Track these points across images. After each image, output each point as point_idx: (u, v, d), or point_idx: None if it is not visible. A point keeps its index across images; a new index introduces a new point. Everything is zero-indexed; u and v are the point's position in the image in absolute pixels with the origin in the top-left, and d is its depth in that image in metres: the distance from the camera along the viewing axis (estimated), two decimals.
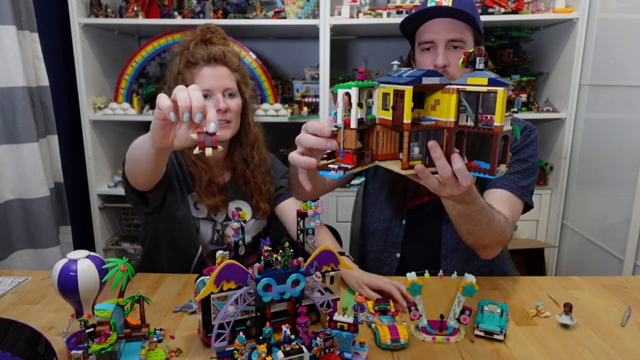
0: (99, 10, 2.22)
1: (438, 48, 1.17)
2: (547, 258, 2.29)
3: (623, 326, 0.99)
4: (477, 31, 1.20)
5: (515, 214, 1.21)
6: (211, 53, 1.27)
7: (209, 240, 1.36)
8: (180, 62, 1.29)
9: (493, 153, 0.74)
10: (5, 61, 1.81)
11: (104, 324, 0.78)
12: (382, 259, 1.37)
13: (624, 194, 1.89)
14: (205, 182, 1.32)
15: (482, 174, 0.76)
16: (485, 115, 0.73)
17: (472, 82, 0.73)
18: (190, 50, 1.28)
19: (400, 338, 0.88)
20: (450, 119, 0.76)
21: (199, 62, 1.27)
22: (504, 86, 0.70)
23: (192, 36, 1.31)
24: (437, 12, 1.15)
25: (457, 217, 1.02)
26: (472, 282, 0.90)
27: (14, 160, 1.88)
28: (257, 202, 1.39)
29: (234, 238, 0.92)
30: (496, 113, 0.71)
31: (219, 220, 1.37)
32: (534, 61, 2.48)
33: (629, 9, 1.94)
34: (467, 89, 0.74)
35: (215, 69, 1.27)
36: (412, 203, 1.32)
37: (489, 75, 0.72)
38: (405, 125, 0.75)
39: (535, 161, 1.26)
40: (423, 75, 0.75)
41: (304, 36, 2.63)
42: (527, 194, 1.23)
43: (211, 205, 1.33)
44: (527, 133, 1.27)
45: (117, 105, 2.30)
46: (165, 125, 0.87)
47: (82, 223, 2.40)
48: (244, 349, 0.79)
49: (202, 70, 1.27)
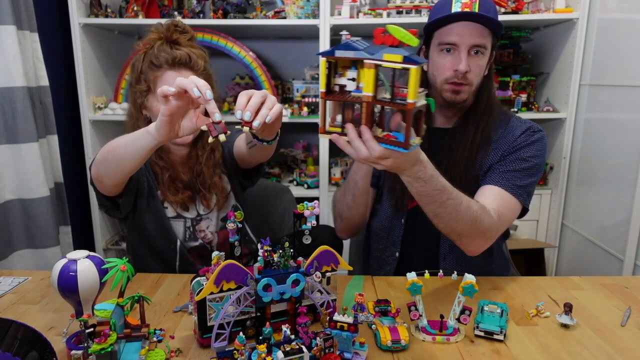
0: (99, 10, 2.22)
1: (461, 52, 1.16)
2: (547, 258, 2.29)
3: (623, 326, 0.99)
4: (495, 37, 1.20)
5: (507, 210, 1.18)
6: (176, 57, 1.23)
7: (182, 238, 1.36)
8: (143, 62, 1.25)
9: (407, 128, 0.78)
10: (5, 61, 1.81)
11: (104, 324, 0.78)
12: (383, 258, 1.37)
13: (624, 193, 1.89)
14: (167, 180, 1.31)
15: (395, 147, 0.82)
16: (401, 89, 0.77)
17: (388, 58, 0.76)
18: (154, 52, 1.23)
19: (401, 339, 0.88)
20: (369, 93, 0.79)
21: (162, 65, 1.23)
22: (417, 64, 0.73)
23: (157, 34, 1.25)
24: (463, 15, 1.15)
25: (418, 196, 1.03)
26: (472, 282, 0.90)
27: (14, 160, 1.88)
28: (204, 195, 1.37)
29: (230, 239, 0.92)
30: (409, 90, 0.75)
31: (188, 217, 1.37)
32: (534, 61, 2.48)
33: (629, 9, 1.94)
34: (382, 65, 0.76)
35: (180, 74, 1.23)
36: (412, 203, 1.31)
37: (404, 53, 0.74)
38: (321, 94, 0.84)
39: (538, 162, 1.24)
40: (336, 48, 0.80)
41: (304, 36, 2.63)
42: (522, 193, 1.20)
43: (177, 202, 1.33)
44: (531, 133, 1.25)
45: (117, 105, 2.29)
46: (173, 119, 0.91)
47: (82, 223, 2.40)
48: (244, 349, 0.79)
49: (165, 73, 1.23)
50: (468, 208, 1.07)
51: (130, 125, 1.31)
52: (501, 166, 1.22)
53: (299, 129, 2.72)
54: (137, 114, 1.31)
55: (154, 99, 1.26)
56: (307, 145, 2.73)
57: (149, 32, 1.27)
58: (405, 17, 2.15)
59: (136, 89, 1.27)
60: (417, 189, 1.01)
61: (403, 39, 0.75)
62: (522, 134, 1.25)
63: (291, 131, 2.71)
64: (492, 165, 1.24)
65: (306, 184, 2.42)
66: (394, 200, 1.32)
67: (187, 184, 1.37)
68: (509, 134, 1.26)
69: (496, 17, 1.18)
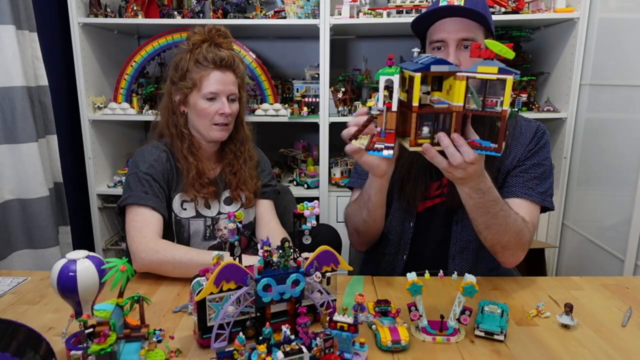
0: (99, 9, 2.21)
1: (449, 47, 1.17)
2: (547, 258, 2.29)
3: (624, 326, 0.99)
4: (488, 31, 1.20)
5: (535, 219, 1.23)
6: (223, 58, 1.31)
7: (202, 237, 1.38)
8: (189, 60, 1.32)
9: (501, 133, 0.85)
10: (4, 61, 1.80)
11: (104, 324, 0.77)
12: (395, 261, 1.36)
13: (625, 193, 1.88)
14: (194, 174, 1.33)
15: (489, 152, 0.88)
16: (488, 98, 0.84)
17: (482, 70, 0.83)
18: (202, 51, 1.31)
19: (401, 339, 0.88)
20: (459, 103, 0.86)
21: (209, 65, 1.30)
22: (512, 74, 0.82)
23: (202, 36, 1.33)
24: (448, 11, 1.16)
25: (474, 208, 1.06)
26: (472, 282, 0.90)
27: (13, 160, 1.87)
28: (241, 191, 1.42)
29: (229, 239, 0.92)
30: (505, 98, 0.83)
31: (208, 215, 1.38)
32: (535, 61, 2.47)
33: (630, 8, 1.93)
34: (477, 77, 0.83)
35: (225, 75, 1.32)
36: (423, 205, 1.31)
37: (499, 65, 0.82)
38: (413, 108, 0.86)
39: (550, 163, 1.28)
40: (432, 64, 0.85)
41: (304, 36, 2.63)
42: (547, 198, 1.24)
43: (202, 196, 1.35)
44: (540, 135, 1.27)
45: (116, 105, 2.29)
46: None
47: (82, 223, 2.40)
48: (243, 349, 0.79)
49: (212, 73, 1.31)
50: (515, 220, 1.11)
51: (164, 121, 1.38)
52: (520, 176, 1.24)
53: (299, 129, 2.72)
54: (173, 110, 1.37)
55: (198, 96, 1.32)
56: (307, 145, 2.72)
57: (192, 33, 1.35)
58: (405, 17, 2.15)
59: (180, 86, 1.33)
60: (475, 201, 1.04)
61: (500, 52, 0.83)
62: (532, 137, 1.27)
63: (291, 131, 2.70)
64: (510, 170, 1.26)
65: (306, 184, 2.41)
66: (405, 202, 1.31)
67: (213, 180, 1.40)
68: (520, 136, 1.27)
69: (485, 10, 1.18)
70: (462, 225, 1.27)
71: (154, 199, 1.28)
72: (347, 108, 2.34)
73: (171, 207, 1.34)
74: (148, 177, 1.29)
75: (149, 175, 1.29)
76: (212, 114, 1.32)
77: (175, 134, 1.36)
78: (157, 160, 1.33)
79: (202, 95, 1.31)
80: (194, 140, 1.37)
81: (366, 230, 1.28)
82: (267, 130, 2.14)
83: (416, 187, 1.27)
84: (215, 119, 1.33)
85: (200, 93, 1.31)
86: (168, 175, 1.34)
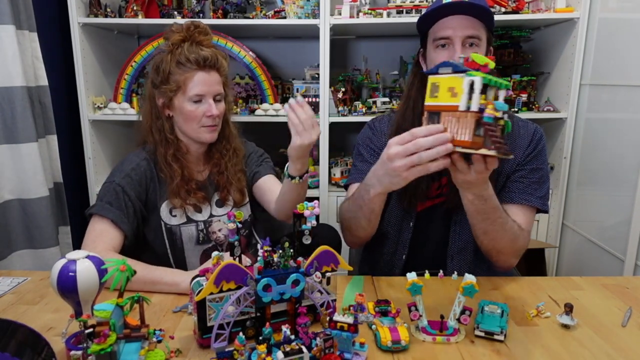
0: (99, 9, 2.21)
1: (455, 45, 1.16)
2: (547, 258, 2.28)
3: (624, 327, 0.98)
4: (489, 31, 1.20)
5: (530, 223, 1.24)
6: (207, 58, 1.26)
7: (195, 242, 1.36)
8: (170, 62, 1.26)
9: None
10: (4, 61, 1.80)
11: (103, 324, 0.77)
12: (393, 261, 1.36)
13: (625, 193, 1.88)
14: (179, 182, 1.30)
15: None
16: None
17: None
18: (184, 52, 1.26)
19: (401, 339, 0.88)
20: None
21: (192, 66, 1.25)
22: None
23: (181, 35, 1.27)
24: (453, 9, 1.15)
25: (475, 214, 1.08)
26: (472, 282, 0.90)
27: (13, 160, 1.87)
28: (227, 192, 1.39)
29: (229, 239, 0.92)
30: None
31: (200, 220, 1.36)
32: (535, 61, 2.47)
33: (630, 8, 1.93)
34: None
35: (209, 75, 1.28)
36: (423, 205, 1.31)
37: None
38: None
39: (547, 166, 1.28)
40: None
41: (304, 36, 2.63)
42: (545, 202, 1.25)
43: (189, 204, 1.32)
44: (538, 139, 1.27)
45: (116, 105, 2.29)
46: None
47: (82, 223, 2.38)
48: (243, 349, 0.79)
49: (196, 74, 1.26)
50: (512, 227, 1.13)
51: (147, 127, 1.33)
52: (520, 181, 1.25)
53: None
54: (157, 114, 1.33)
55: (183, 99, 1.27)
56: None
57: (170, 32, 1.29)
58: (405, 17, 2.15)
59: (163, 89, 1.28)
60: (477, 207, 1.06)
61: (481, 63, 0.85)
62: (531, 141, 1.27)
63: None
64: (510, 174, 1.26)
65: None
66: (406, 202, 1.30)
67: (202, 184, 1.37)
68: (518, 138, 1.27)
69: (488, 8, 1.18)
70: (461, 226, 1.28)
71: (116, 212, 1.24)
72: (347, 108, 2.34)
73: (160, 216, 1.32)
74: (119, 189, 1.26)
75: (120, 187, 1.26)
76: (199, 116, 1.28)
77: (159, 140, 1.32)
78: (135, 170, 1.29)
79: (187, 98, 1.26)
80: (181, 145, 1.33)
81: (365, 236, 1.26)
82: (267, 130, 2.13)
83: (418, 187, 1.27)
84: (203, 121, 1.29)
85: (186, 96, 1.26)
86: (147, 184, 1.31)
